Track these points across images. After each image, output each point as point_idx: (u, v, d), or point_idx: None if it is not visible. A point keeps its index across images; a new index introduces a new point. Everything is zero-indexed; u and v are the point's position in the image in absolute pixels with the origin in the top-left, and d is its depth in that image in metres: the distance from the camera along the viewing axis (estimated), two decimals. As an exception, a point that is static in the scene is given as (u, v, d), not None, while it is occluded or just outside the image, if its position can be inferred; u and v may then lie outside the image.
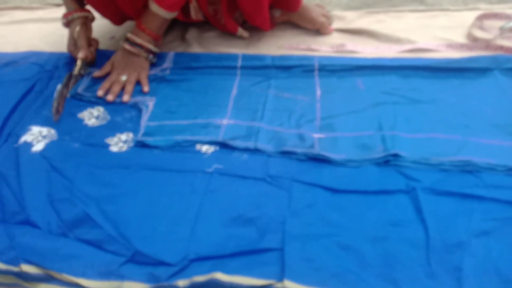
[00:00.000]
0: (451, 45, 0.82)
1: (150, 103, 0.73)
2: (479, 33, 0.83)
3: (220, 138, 0.65)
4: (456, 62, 0.75)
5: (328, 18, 0.88)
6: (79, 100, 0.75)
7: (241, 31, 0.86)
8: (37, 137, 0.67)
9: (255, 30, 0.88)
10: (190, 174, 0.61)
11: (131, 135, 0.68)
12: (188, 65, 0.81)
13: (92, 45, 0.82)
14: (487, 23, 0.85)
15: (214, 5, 0.83)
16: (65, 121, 0.71)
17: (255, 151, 0.64)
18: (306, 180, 0.59)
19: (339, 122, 0.67)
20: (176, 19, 0.86)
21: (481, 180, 0.57)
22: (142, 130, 0.68)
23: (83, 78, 0.79)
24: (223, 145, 0.65)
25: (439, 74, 0.74)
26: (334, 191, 0.58)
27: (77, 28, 0.77)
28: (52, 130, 0.69)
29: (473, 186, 0.56)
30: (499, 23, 0.84)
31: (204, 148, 0.65)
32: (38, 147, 0.65)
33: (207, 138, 0.66)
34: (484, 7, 0.92)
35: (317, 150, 0.62)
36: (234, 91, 0.75)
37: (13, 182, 0.60)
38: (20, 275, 0.51)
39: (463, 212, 0.53)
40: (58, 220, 0.56)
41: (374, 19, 0.92)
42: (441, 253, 0.49)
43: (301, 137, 0.64)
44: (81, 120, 0.71)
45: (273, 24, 0.89)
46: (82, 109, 0.73)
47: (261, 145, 0.64)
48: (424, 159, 0.59)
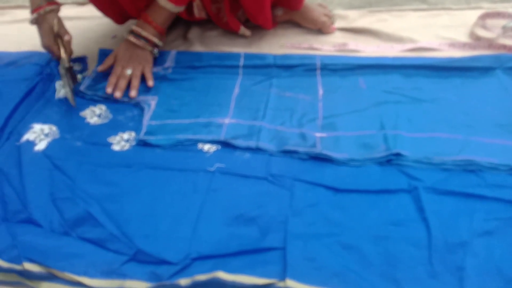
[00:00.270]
0: (454, 44, 0.81)
1: (152, 102, 0.73)
2: (482, 32, 0.83)
3: (222, 137, 0.65)
4: (459, 61, 0.75)
5: (330, 17, 0.88)
6: (81, 98, 0.75)
7: (243, 30, 0.86)
8: (39, 136, 0.67)
9: (257, 29, 0.88)
10: (192, 173, 0.61)
11: (133, 134, 0.68)
12: (190, 64, 0.81)
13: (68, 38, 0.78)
14: (490, 22, 0.85)
15: (217, 4, 0.83)
16: (67, 119, 0.71)
17: (257, 150, 0.64)
18: (308, 179, 0.59)
19: (341, 121, 0.67)
20: (179, 18, 0.86)
21: (483, 180, 0.57)
22: (144, 129, 0.68)
23: (85, 77, 0.79)
24: (225, 144, 0.65)
25: (442, 73, 0.74)
26: (336, 190, 0.58)
27: (55, 21, 0.75)
28: (54, 128, 0.69)
29: (475, 186, 0.56)
30: (502, 22, 0.84)
31: (206, 147, 0.65)
32: (41, 146, 0.66)
33: (209, 137, 0.66)
34: (487, 6, 0.92)
35: (319, 149, 0.62)
36: (236, 90, 0.75)
37: (16, 181, 0.60)
38: (23, 274, 0.51)
39: (465, 212, 0.53)
40: (60, 219, 0.56)
41: (376, 18, 0.92)
42: (443, 253, 0.49)
43: (303, 136, 0.64)
44: (83, 119, 0.71)
45: (275, 23, 0.89)
46: (84, 108, 0.73)
47: (263, 144, 0.64)
48: (426, 159, 0.59)
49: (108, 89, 0.74)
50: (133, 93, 0.74)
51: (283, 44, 0.86)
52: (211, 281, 0.48)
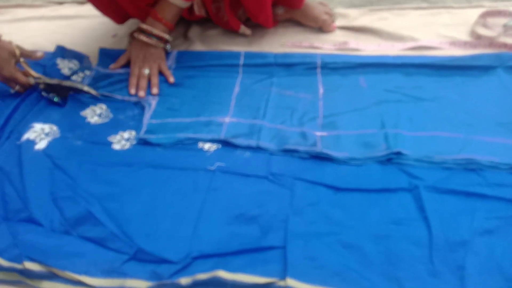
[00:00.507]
0: (455, 43, 0.81)
1: (153, 101, 0.73)
2: (483, 31, 0.83)
3: (222, 136, 0.65)
4: (460, 60, 0.75)
5: (331, 16, 0.88)
6: (82, 98, 0.75)
7: (244, 29, 0.86)
8: (40, 135, 0.67)
9: (258, 28, 0.88)
10: (193, 172, 0.61)
11: (134, 133, 0.68)
12: (191, 64, 0.81)
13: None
14: (491, 21, 0.85)
15: (217, 3, 0.83)
16: (68, 119, 0.71)
17: (258, 149, 0.64)
18: (309, 178, 0.59)
19: (342, 120, 0.67)
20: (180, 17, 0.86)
21: (484, 179, 0.57)
22: (145, 128, 0.68)
23: (85, 76, 0.79)
24: (226, 143, 0.65)
25: (442, 72, 0.74)
26: (337, 189, 0.57)
27: (13, 44, 0.70)
28: (55, 127, 0.69)
29: (476, 185, 0.56)
30: (503, 21, 0.83)
31: (207, 146, 0.65)
32: (41, 145, 0.65)
33: (209, 136, 0.66)
34: (488, 5, 0.92)
35: (320, 148, 0.62)
36: (237, 89, 0.75)
37: (16, 180, 0.60)
38: (24, 273, 0.51)
39: (466, 211, 0.53)
40: (61, 218, 0.56)
41: (377, 17, 0.92)
42: (444, 252, 0.49)
43: (304, 135, 0.64)
44: (84, 118, 0.71)
45: (276, 22, 0.89)
46: (85, 107, 0.73)
47: (264, 143, 0.64)
48: (427, 157, 0.59)
49: (132, 90, 0.75)
50: (155, 90, 0.75)
51: (284, 43, 0.86)
52: (212, 280, 0.48)
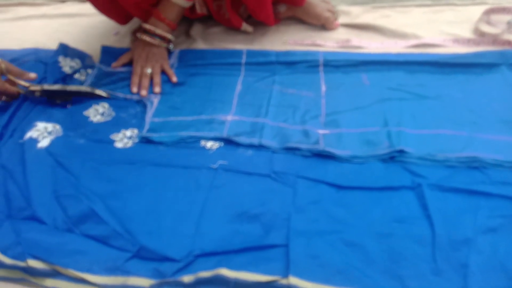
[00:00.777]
0: (458, 40, 0.81)
1: (155, 100, 0.73)
2: (486, 28, 0.82)
3: (225, 134, 0.65)
4: (463, 58, 0.74)
5: (333, 13, 0.88)
6: (83, 97, 0.75)
7: (246, 26, 0.86)
8: (43, 133, 0.67)
9: (260, 25, 0.88)
10: (195, 170, 0.61)
11: (136, 131, 0.68)
12: (193, 62, 0.81)
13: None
14: (495, 18, 0.84)
15: (219, 1, 0.83)
16: (70, 117, 0.71)
17: (260, 147, 0.64)
18: (311, 177, 0.59)
19: (344, 118, 0.67)
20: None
21: (488, 177, 0.56)
22: (147, 126, 0.68)
23: (88, 75, 0.79)
24: (228, 141, 0.65)
25: (446, 70, 0.74)
26: (339, 188, 0.57)
27: None
28: (57, 126, 0.69)
29: (480, 183, 0.56)
30: (507, 18, 0.83)
31: (209, 144, 0.65)
32: (44, 143, 0.66)
33: (212, 134, 0.66)
34: (492, 1, 0.91)
35: (322, 146, 0.62)
36: (239, 87, 0.75)
37: (19, 178, 0.61)
38: (27, 270, 0.52)
39: (470, 209, 0.53)
40: (64, 216, 0.56)
41: (380, 14, 0.91)
42: (447, 250, 0.49)
43: (306, 133, 0.64)
44: (87, 117, 0.71)
45: (278, 19, 0.89)
46: (87, 106, 0.73)
47: (266, 141, 0.64)
48: (430, 155, 0.59)
49: (134, 89, 0.75)
50: (157, 89, 0.75)
51: (286, 41, 0.85)
52: (214, 278, 0.48)
